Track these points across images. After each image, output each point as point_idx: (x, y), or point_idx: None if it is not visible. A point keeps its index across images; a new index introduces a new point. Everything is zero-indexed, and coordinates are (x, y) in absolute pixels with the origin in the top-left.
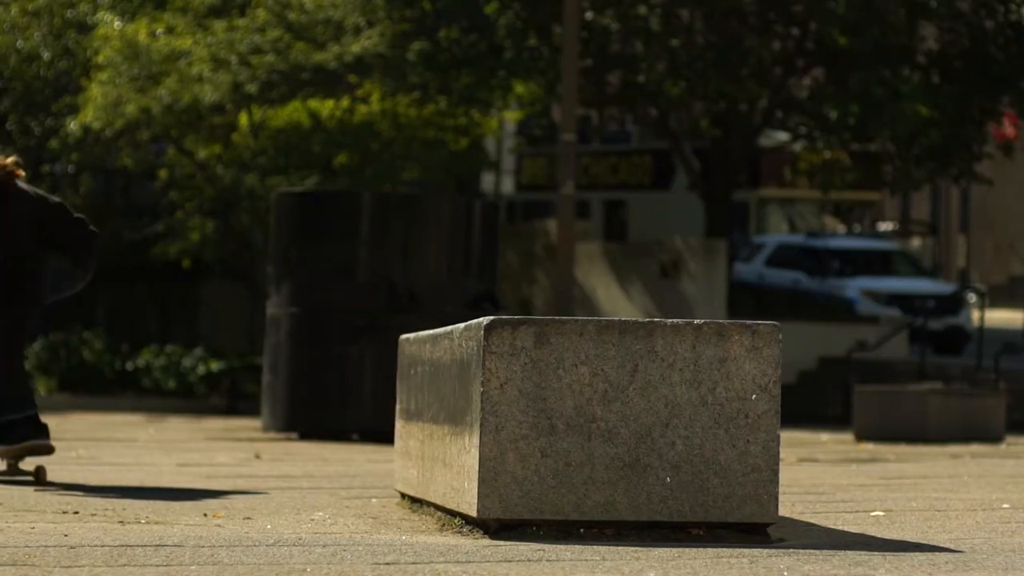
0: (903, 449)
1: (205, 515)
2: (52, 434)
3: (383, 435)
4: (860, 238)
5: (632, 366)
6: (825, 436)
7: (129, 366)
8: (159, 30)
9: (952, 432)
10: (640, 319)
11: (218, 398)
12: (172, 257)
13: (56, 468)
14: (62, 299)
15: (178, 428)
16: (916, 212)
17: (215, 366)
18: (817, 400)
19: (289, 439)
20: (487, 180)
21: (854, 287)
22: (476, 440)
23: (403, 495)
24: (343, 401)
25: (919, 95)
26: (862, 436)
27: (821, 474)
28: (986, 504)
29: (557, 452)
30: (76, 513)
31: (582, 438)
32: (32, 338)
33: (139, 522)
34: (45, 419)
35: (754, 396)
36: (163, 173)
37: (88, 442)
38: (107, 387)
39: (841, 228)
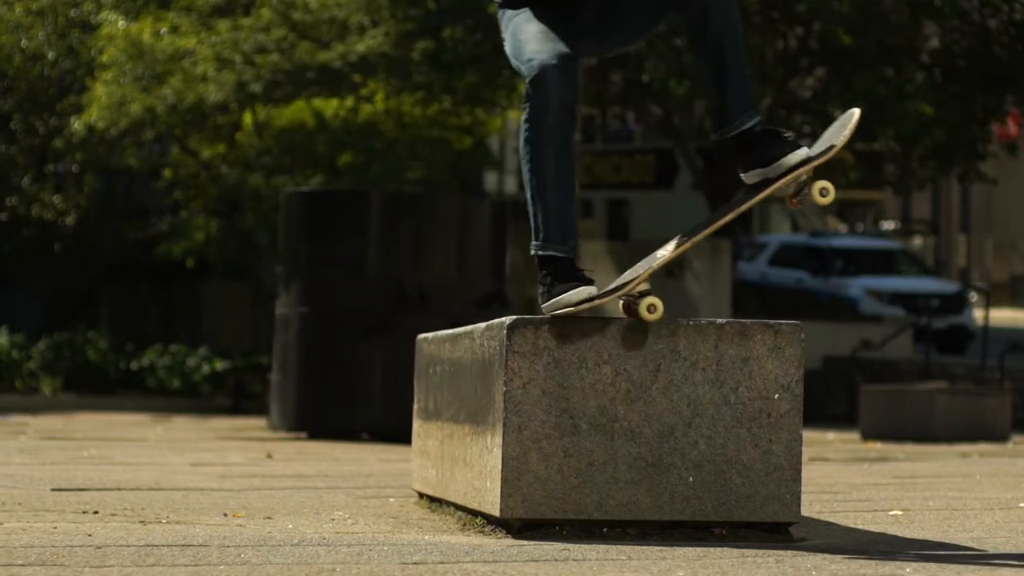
0: (911, 448)
1: (225, 515)
2: (58, 434)
3: (393, 434)
4: (863, 237)
5: (655, 366)
6: (831, 435)
7: (133, 365)
8: (163, 29)
9: (958, 431)
10: (662, 319)
11: (223, 397)
12: (176, 257)
13: (70, 468)
14: None
15: (185, 428)
16: (917, 211)
17: (220, 365)
18: (821, 399)
19: (298, 438)
20: (490, 179)
21: (857, 286)
22: (499, 440)
23: (421, 495)
24: (352, 400)
25: (923, 94)
26: (868, 435)
27: (834, 473)
28: (1003, 503)
29: (580, 452)
30: (96, 513)
31: (605, 438)
32: (36, 337)
33: (160, 522)
34: (50, 419)
35: (776, 396)
36: (167, 172)
37: (98, 441)
38: (111, 387)
39: (844, 227)
